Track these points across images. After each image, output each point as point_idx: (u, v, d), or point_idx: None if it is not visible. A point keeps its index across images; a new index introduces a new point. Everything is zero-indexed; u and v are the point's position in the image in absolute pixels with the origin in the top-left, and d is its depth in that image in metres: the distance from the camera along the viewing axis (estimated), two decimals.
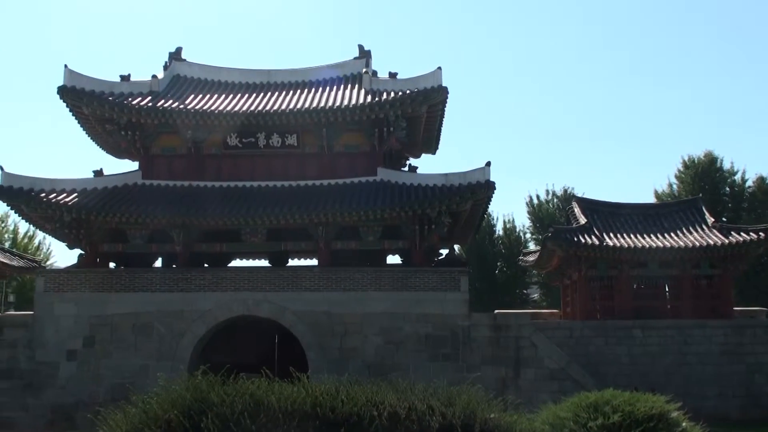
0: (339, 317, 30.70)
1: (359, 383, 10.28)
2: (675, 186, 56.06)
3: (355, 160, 33.82)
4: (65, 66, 33.15)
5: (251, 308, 31.22)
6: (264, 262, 37.91)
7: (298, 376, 10.49)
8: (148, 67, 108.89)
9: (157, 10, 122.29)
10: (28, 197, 31.48)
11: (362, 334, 30.54)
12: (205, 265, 35.37)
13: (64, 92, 32.81)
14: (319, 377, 10.42)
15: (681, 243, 32.50)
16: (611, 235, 33.07)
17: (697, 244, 32.33)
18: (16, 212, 33.65)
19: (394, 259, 38.30)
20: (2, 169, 31.68)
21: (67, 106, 33.59)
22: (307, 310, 30.84)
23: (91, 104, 32.91)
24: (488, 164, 31.32)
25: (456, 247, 42.60)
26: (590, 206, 35.47)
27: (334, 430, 9.07)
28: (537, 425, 11.22)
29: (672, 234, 33.47)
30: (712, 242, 32.37)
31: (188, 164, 34.00)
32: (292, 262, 37.87)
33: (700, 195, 40.57)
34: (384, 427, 9.09)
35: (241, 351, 33.23)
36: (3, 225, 60.77)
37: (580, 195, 44.78)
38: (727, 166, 54.66)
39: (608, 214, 34.94)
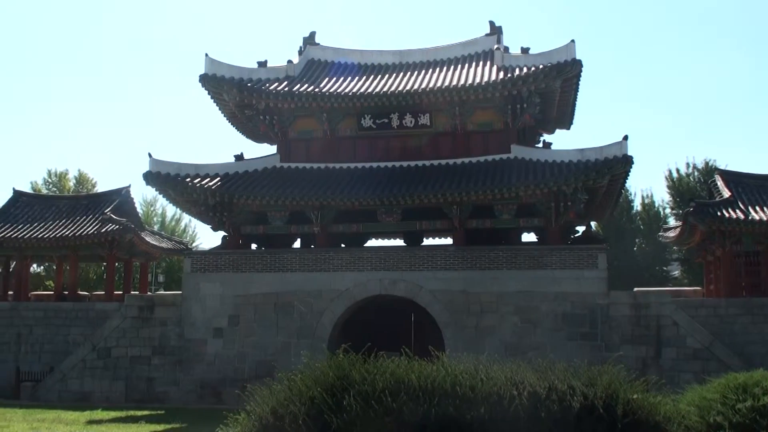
0: (475, 296, 30.67)
1: (498, 362, 10.27)
2: None
3: (489, 138, 33.61)
4: (206, 55, 34.40)
5: (387, 287, 31.61)
6: (399, 242, 38.29)
7: (437, 354, 10.58)
8: (284, 52, 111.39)
9: None
10: (175, 182, 32.85)
11: (498, 313, 30.42)
12: (342, 245, 36.02)
13: (205, 80, 34.09)
14: (456, 356, 10.46)
15: None
16: (758, 208, 31.69)
17: None
18: (163, 196, 35.23)
19: (528, 237, 38.01)
20: (150, 156, 33.18)
21: (208, 93, 34.87)
22: (442, 288, 30.97)
23: (231, 91, 34.04)
24: (625, 138, 30.52)
25: (593, 224, 41.81)
26: (735, 179, 34.08)
27: (474, 408, 9.11)
28: (682, 407, 10.88)
29: None
30: None
31: (324, 146, 34.66)
32: (427, 241, 38.09)
33: None
34: (524, 407, 9.05)
35: (378, 330, 33.77)
36: (152, 209, 63.87)
37: (723, 167, 43.09)
38: None
39: (754, 187, 33.46)
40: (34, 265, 50.04)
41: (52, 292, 41.24)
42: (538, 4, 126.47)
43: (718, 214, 31.09)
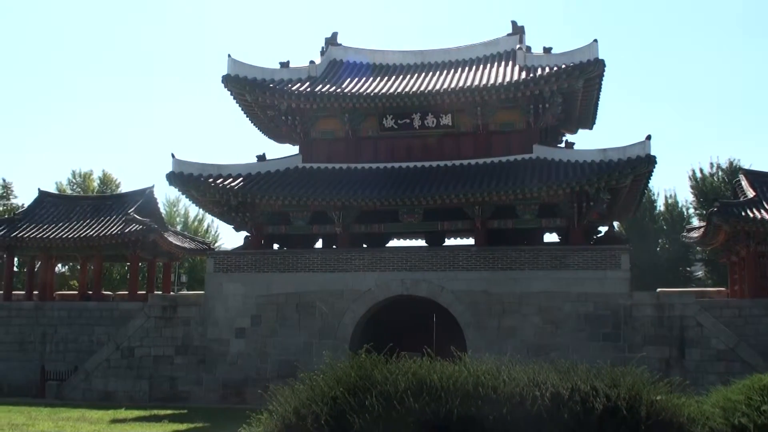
0: (497, 296, 30.60)
1: (520, 363, 10.25)
2: None
3: (511, 138, 33.52)
4: (228, 56, 34.54)
5: (409, 288, 31.61)
6: (421, 242, 38.27)
7: (459, 355, 10.57)
8: (305, 53, 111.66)
9: None
10: (198, 182, 33.04)
11: (520, 313, 30.32)
12: (364, 245, 36.04)
13: (228, 81, 34.24)
14: (478, 357, 10.44)
15: None
16: None
17: None
18: (186, 197, 35.47)
19: (550, 238, 37.88)
20: (173, 157, 33.38)
21: (231, 94, 35.03)
22: (464, 289, 30.92)
23: (253, 91, 34.19)
24: (648, 138, 30.37)
25: (615, 224, 41.59)
26: (759, 179, 33.90)
27: (496, 409, 9.10)
28: (706, 408, 10.80)
29: None
30: None
31: (346, 147, 34.72)
32: (448, 242, 38.04)
33: None
34: (546, 408, 9.02)
35: (399, 330, 33.77)
36: (175, 209, 64.25)
37: (747, 167, 42.75)
38: None
39: None
40: (59, 265, 50.49)
41: (76, 292, 41.63)
42: (558, 2, 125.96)
43: (743, 214, 30.89)
